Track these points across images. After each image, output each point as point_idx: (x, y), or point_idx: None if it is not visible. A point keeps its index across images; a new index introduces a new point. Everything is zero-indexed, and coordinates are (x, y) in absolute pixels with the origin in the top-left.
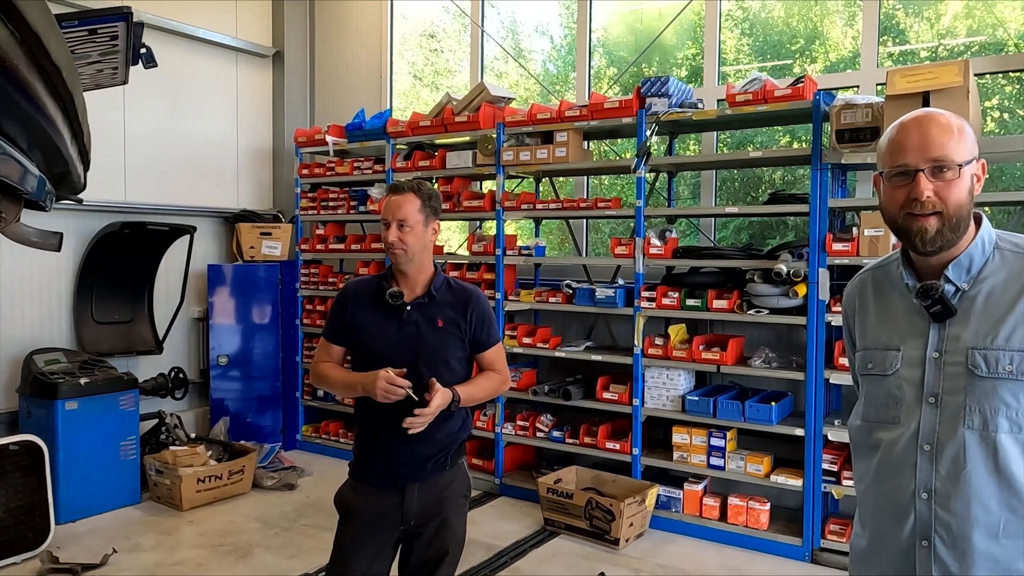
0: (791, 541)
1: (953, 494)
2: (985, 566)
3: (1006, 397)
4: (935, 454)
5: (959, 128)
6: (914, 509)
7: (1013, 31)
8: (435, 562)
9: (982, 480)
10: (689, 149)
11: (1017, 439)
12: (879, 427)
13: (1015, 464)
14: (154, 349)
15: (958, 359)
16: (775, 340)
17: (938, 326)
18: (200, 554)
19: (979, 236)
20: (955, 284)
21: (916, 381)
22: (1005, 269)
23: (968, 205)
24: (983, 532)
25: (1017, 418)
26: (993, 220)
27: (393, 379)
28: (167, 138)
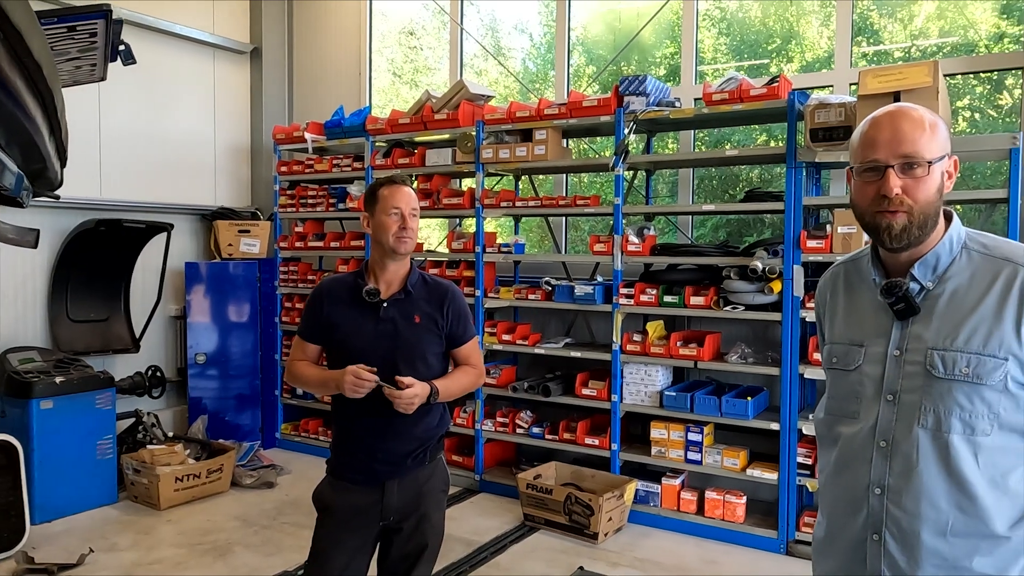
0: (767, 534)
1: (904, 491)
2: (932, 563)
3: (960, 399)
4: (890, 451)
5: (931, 124)
6: (867, 503)
7: (983, 32)
8: (415, 556)
9: (933, 479)
10: (667, 147)
11: (970, 441)
12: (840, 421)
13: (966, 465)
14: (131, 347)
15: (918, 358)
16: (751, 336)
17: (901, 324)
18: (178, 553)
19: (948, 235)
20: (920, 283)
21: (876, 378)
22: (970, 270)
23: (937, 203)
24: (931, 530)
25: (971, 420)
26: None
27: (359, 371)
28: (144, 135)
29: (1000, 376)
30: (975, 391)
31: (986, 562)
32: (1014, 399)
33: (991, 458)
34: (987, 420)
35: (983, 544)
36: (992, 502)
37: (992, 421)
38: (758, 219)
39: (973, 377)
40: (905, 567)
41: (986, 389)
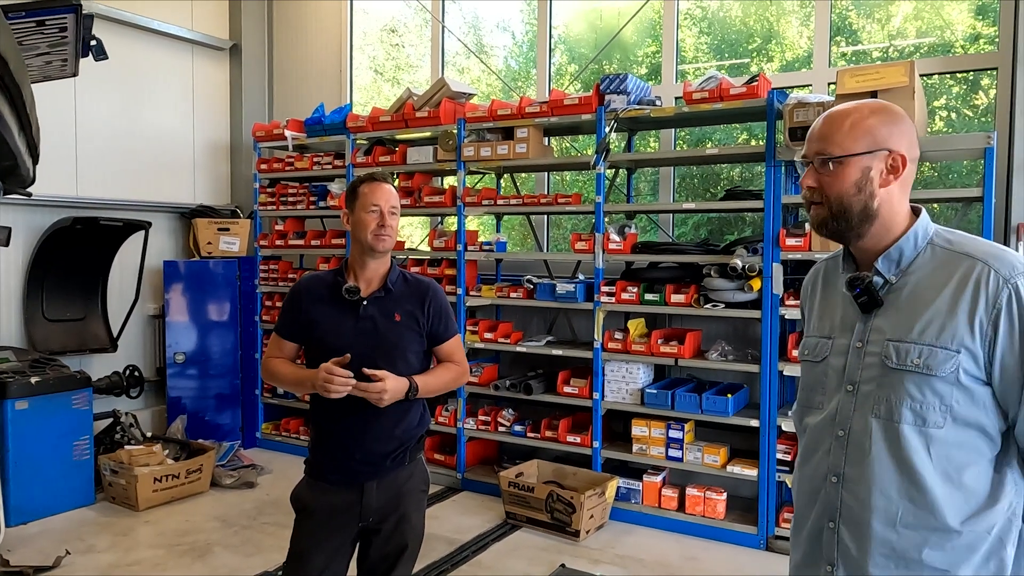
0: (747, 530)
1: (857, 479)
2: (881, 552)
3: (911, 389)
4: (846, 440)
5: (855, 121)
6: (824, 491)
7: (960, 33)
8: (394, 557)
9: (884, 468)
10: (649, 146)
11: (921, 432)
12: (807, 412)
13: (916, 456)
14: (108, 347)
15: (876, 350)
16: (731, 333)
17: (866, 317)
18: (157, 554)
19: (912, 230)
20: (884, 276)
21: (840, 369)
22: (933, 264)
23: (856, 196)
24: (881, 519)
25: (921, 411)
26: (940, 216)
27: (332, 369)
28: (120, 131)
29: (951, 368)
30: (926, 382)
31: (935, 555)
32: (968, 393)
33: (945, 451)
34: (939, 412)
35: (932, 537)
36: (943, 495)
37: (944, 413)
38: (739, 217)
39: (924, 368)
40: (856, 556)
41: (937, 380)
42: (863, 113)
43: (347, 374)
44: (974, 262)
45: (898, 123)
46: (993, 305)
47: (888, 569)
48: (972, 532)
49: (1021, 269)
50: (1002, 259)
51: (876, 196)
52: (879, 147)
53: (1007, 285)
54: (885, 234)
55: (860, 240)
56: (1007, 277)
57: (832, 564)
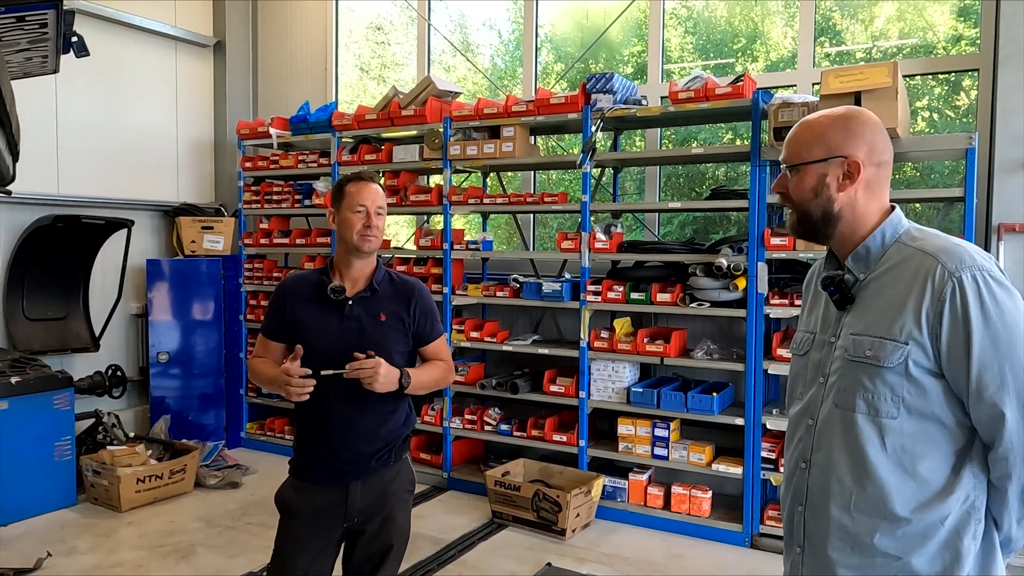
0: (732, 527)
1: (820, 466)
2: (837, 535)
3: (864, 380)
4: (814, 428)
5: (813, 131)
6: (795, 477)
7: (942, 34)
8: (379, 557)
9: (840, 455)
10: (635, 145)
11: (874, 422)
12: (792, 403)
13: (868, 444)
14: (90, 346)
15: (843, 343)
16: (716, 332)
17: (840, 313)
18: (140, 555)
19: (880, 228)
20: (854, 274)
21: (816, 362)
22: (897, 261)
23: (816, 200)
24: (838, 504)
25: (874, 401)
26: (922, 216)
27: (290, 370)
28: (103, 129)
29: (899, 359)
30: (877, 373)
31: (886, 541)
32: (919, 385)
33: (899, 442)
34: (891, 403)
35: (883, 523)
36: (893, 483)
37: (897, 404)
38: (724, 217)
39: (874, 359)
40: (817, 539)
41: (886, 371)
42: (822, 123)
43: (304, 372)
44: (926, 257)
45: (857, 131)
46: (938, 298)
47: (845, 552)
48: (922, 521)
49: (969, 264)
50: (952, 254)
51: (835, 200)
52: (833, 154)
53: (952, 279)
54: (852, 234)
55: (829, 240)
56: (952, 271)
57: (800, 547)
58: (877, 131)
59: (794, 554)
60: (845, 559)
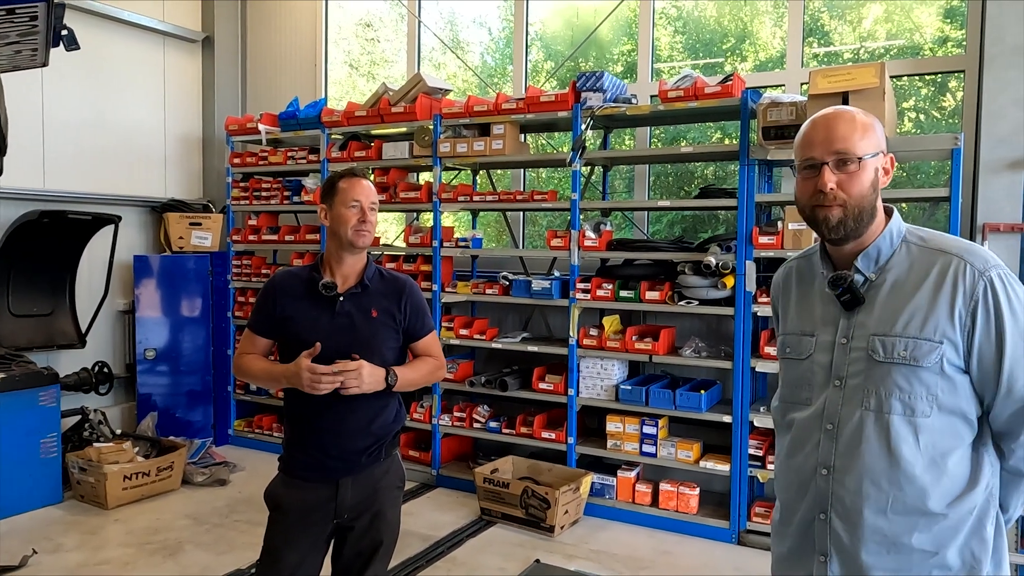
0: (719, 524)
1: (848, 470)
2: (874, 539)
3: (899, 381)
4: (836, 433)
5: (864, 124)
6: (814, 484)
7: (928, 36)
8: (369, 553)
9: (874, 458)
10: (624, 144)
11: (910, 422)
12: (793, 408)
13: (905, 445)
14: (76, 343)
15: (861, 345)
16: (705, 330)
17: (848, 314)
18: (126, 553)
19: (888, 229)
20: (864, 274)
21: (826, 365)
22: (909, 261)
23: (870, 196)
24: (873, 507)
25: (910, 401)
26: (908, 216)
27: (315, 368)
28: (90, 124)
29: (936, 359)
30: (913, 373)
31: (924, 538)
32: (951, 382)
33: (931, 439)
34: (926, 401)
35: (921, 521)
36: (929, 481)
37: (931, 403)
38: (713, 215)
39: (911, 360)
40: (849, 544)
41: (923, 371)
42: (862, 116)
43: (330, 370)
44: (950, 257)
45: (881, 127)
46: (971, 297)
47: (880, 555)
48: (956, 514)
49: (993, 263)
50: (975, 253)
51: (878, 197)
52: (881, 148)
53: (982, 278)
54: (872, 234)
55: (857, 239)
56: (982, 270)
57: (825, 554)
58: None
59: (817, 563)
60: (881, 562)
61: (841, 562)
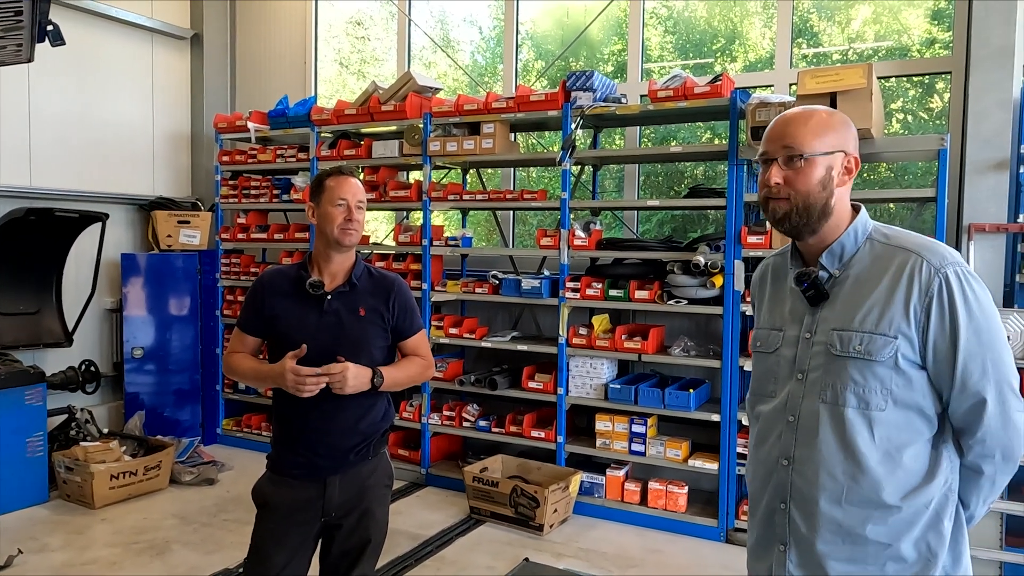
0: (707, 523)
1: (806, 461)
2: (829, 529)
3: (854, 374)
4: (796, 425)
5: (821, 123)
6: (776, 474)
7: (916, 37)
8: (357, 552)
9: (830, 450)
10: (615, 143)
11: (864, 415)
12: (760, 400)
13: (859, 437)
14: (63, 341)
15: (822, 339)
16: (694, 329)
17: (813, 309)
18: (113, 552)
19: (852, 226)
20: (828, 270)
21: (791, 359)
22: (872, 257)
23: (820, 193)
24: (828, 498)
25: (864, 394)
26: (896, 216)
27: (299, 371)
28: (77, 120)
29: (889, 353)
30: (867, 367)
31: (878, 530)
32: (906, 377)
33: (887, 432)
34: (881, 396)
35: (875, 513)
36: (884, 473)
37: (886, 397)
38: (703, 215)
39: (865, 354)
40: (806, 533)
41: (877, 365)
42: (824, 116)
43: (314, 372)
44: (908, 254)
45: (850, 127)
46: (926, 293)
47: (836, 544)
48: (911, 507)
49: (951, 260)
50: (934, 251)
51: (834, 195)
52: (839, 148)
53: (938, 274)
54: (833, 231)
55: (813, 236)
56: (938, 267)
57: (784, 543)
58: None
59: (776, 552)
60: (836, 551)
61: (799, 552)
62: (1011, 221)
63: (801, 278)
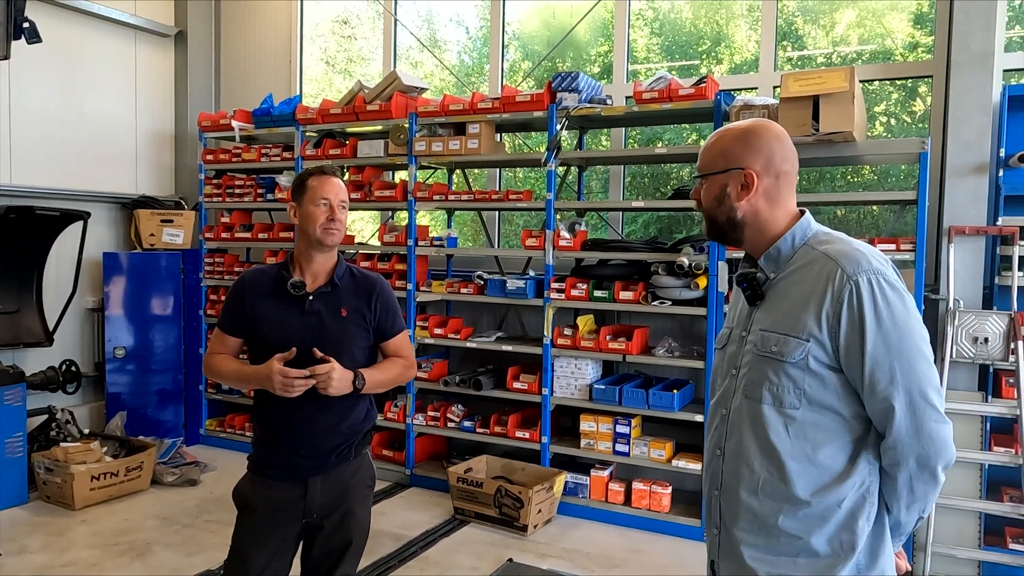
0: (690, 522)
1: (732, 453)
2: (746, 518)
3: (769, 373)
4: (728, 418)
5: (716, 145)
6: (712, 463)
7: (899, 41)
8: (338, 552)
9: (749, 443)
10: (601, 144)
11: (780, 412)
12: (712, 395)
13: (773, 432)
14: (43, 341)
15: (753, 339)
16: (678, 330)
17: (752, 309)
18: (93, 554)
19: (790, 231)
20: (765, 273)
21: (731, 356)
22: (804, 262)
23: (715, 209)
24: (746, 488)
25: (778, 393)
26: (880, 218)
27: (287, 372)
28: (59, 118)
29: (800, 355)
30: (780, 367)
31: (789, 522)
32: (819, 378)
33: (801, 430)
34: (793, 395)
35: (786, 506)
36: (795, 469)
37: (799, 396)
38: (688, 216)
39: (778, 355)
40: (728, 521)
41: (789, 366)
42: (726, 137)
43: (302, 374)
44: (828, 261)
45: (755, 144)
46: (837, 300)
47: (752, 532)
48: (821, 504)
49: (866, 268)
50: (851, 258)
51: (736, 208)
52: (731, 166)
53: (850, 282)
54: (760, 238)
55: (741, 244)
56: (850, 275)
57: (717, 528)
58: (776, 143)
59: (712, 535)
60: (751, 538)
61: (724, 536)
62: (991, 224)
63: (740, 278)
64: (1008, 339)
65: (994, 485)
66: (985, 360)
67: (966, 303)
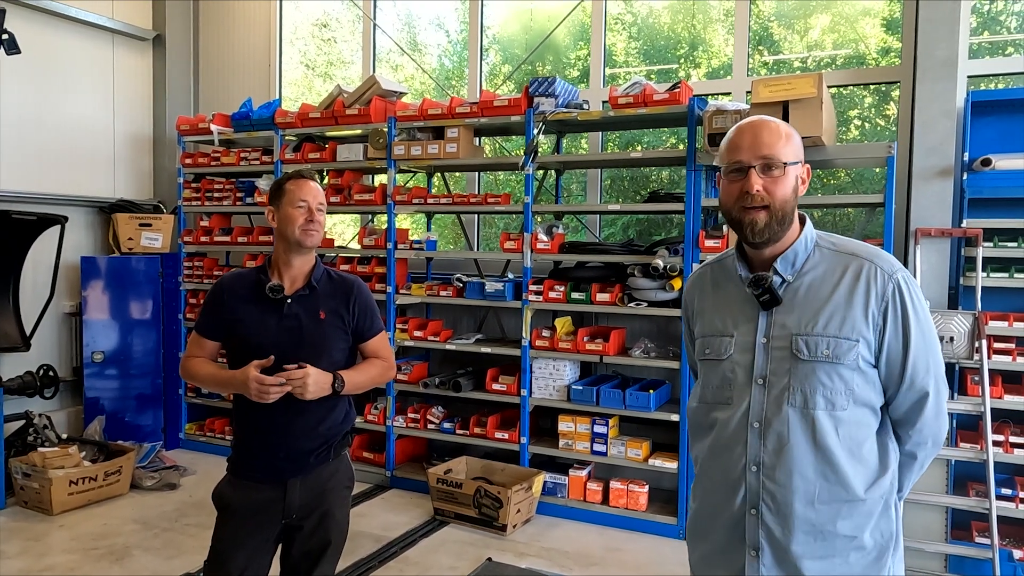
0: (667, 520)
1: (778, 466)
2: (803, 529)
3: (823, 378)
4: (763, 431)
5: (786, 133)
6: (745, 481)
7: (872, 46)
8: (317, 554)
9: (802, 452)
10: (581, 147)
11: (831, 415)
12: (715, 408)
13: (828, 438)
14: (20, 346)
15: (783, 344)
16: (654, 331)
17: (766, 314)
18: (71, 559)
19: (803, 234)
20: (782, 276)
21: (747, 364)
22: (823, 264)
23: (792, 201)
24: (802, 499)
25: (831, 396)
26: (855, 221)
27: (263, 380)
28: (35, 122)
29: (853, 356)
30: (834, 370)
31: (846, 524)
32: (864, 376)
33: (848, 430)
34: (844, 396)
35: (844, 508)
36: (850, 469)
37: (848, 396)
38: (666, 219)
39: (832, 358)
40: (780, 536)
41: (843, 368)
42: (786, 128)
43: (278, 381)
44: (861, 260)
45: (799, 140)
46: (882, 297)
47: (808, 544)
48: (872, 498)
49: (898, 266)
50: (882, 257)
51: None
52: (800, 159)
53: (891, 280)
54: (789, 238)
55: (773, 243)
56: (890, 273)
57: (757, 548)
58: None
59: (748, 558)
60: (810, 551)
61: (773, 554)
62: (955, 226)
63: (758, 283)
64: (973, 338)
65: (960, 480)
66: (951, 359)
67: (932, 303)
